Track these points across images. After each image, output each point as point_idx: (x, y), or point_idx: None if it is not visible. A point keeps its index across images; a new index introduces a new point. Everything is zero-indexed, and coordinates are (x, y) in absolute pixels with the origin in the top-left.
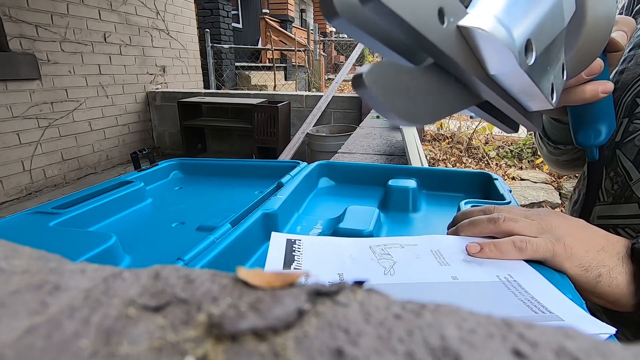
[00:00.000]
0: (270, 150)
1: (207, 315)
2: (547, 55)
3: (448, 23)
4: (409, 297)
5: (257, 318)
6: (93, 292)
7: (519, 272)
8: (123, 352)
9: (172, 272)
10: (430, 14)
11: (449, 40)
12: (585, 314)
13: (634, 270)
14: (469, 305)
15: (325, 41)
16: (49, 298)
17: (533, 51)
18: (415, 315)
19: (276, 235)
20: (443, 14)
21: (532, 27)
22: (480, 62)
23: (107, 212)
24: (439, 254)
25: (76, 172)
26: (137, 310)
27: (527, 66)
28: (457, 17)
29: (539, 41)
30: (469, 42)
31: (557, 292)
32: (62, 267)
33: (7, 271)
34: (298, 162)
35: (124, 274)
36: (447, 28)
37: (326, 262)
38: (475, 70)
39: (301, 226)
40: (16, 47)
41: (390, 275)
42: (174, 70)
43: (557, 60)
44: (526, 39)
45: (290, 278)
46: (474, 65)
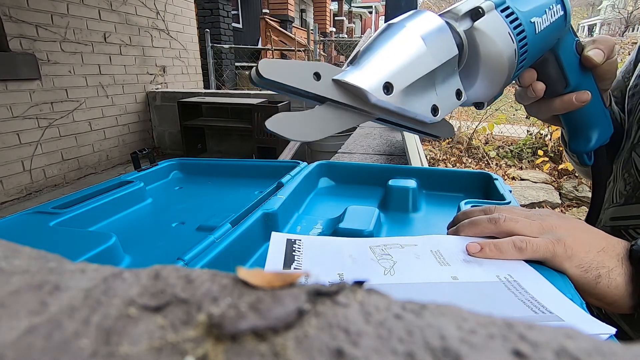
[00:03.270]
0: (270, 150)
1: (207, 315)
2: (416, 88)
3: (324, 79)
4: (409, 297)
5: (257, 318)
6: (93, 292)
7: (518, 272)
8: (123, 352)
9: (172, 272)
10: (308, 76)
11: (329, 89)
12: (585, 314)
13: (632, 272)
14: (469, 305)
15: (325, 41)
16: (49, 298)
17: (393, 88)
18: (415, 315)
19: (276, 235)
20: (319, 75)
21: (389, 74)
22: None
23: (107, 212)
24: (439, 254)
25: (76, 172)
26: (137, 310)
27: (388, 97)
28: (332, 74)
29: (399, 81)
30: (344, 87)
31: (557, 293)
32: (62, 267)
33: (7, 271)
34: (298, 162)
35: (124, 274)
36: (324, 82)
37: (326, 262)
38: (359, 102)
39: (301, 226)
40: (16, 47)
41: (390, 275)
42: (174, 70)
43: (445, 87)
44: (385, 82)
45: (290, 278)
46: (356, 99)
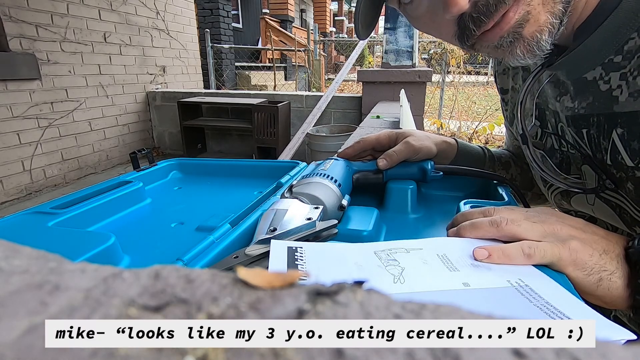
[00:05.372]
0: (270, 150)
1: (207, 315)
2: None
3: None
4: None
5: (257, 318)
6: (93, 292)
7: (528, 276)
8: (123, 352)
9: (172, 272)
10: None
11: None
12: (602, 318)
13: (629, 273)
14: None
15: (325, 41)
16: (49, 298)
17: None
18: (415, 315)
19: (276, 242)
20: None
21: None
22: None
23: (106, 212)
24: (446, 258)
25: (76, 172)
26: (137, 310)
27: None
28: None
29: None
30: None
31: (570, 296)
32: (62, 267)
33: (7, 271)
34: (297, 162)
35: (124, 274)
36: None
37: (332, 271)
38: None
39: None
40: (16, 47)
41: (400, 283)
42: (174, 70)
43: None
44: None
45: (290, 278)
46: None
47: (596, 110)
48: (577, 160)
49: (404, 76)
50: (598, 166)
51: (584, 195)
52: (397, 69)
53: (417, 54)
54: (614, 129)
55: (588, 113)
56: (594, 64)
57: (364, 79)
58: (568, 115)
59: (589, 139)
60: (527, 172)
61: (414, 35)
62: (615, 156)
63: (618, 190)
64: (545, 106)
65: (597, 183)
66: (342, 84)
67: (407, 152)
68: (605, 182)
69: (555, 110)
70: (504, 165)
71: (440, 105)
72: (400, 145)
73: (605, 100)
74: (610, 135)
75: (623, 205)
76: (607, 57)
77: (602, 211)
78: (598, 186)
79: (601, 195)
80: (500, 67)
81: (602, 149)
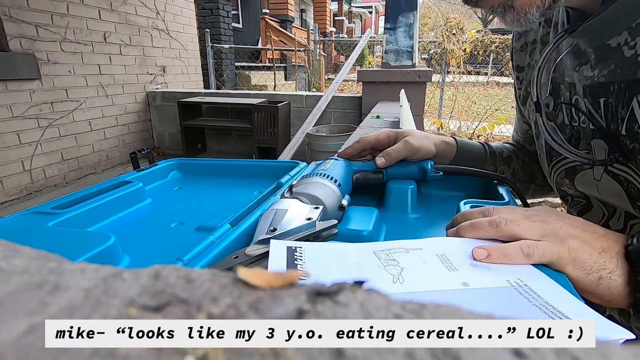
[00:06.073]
0: (270, 150)
1: (207, 315)
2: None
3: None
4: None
5: (257, 318)
6: (93, 292)
7: (527, 275)
8: (123, 352)
9: (172, 272)
10: None
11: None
12: (602, 318)
13: (629, 271)
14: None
15: (325, 41)
16: (49, 298)
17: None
18: (415, 315)
19: (275, 242)
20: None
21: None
22: None
23: (106, 212)
24: (445, 257)
25: (76, 172)
26: (137, 310)
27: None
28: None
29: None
30: None
31: (569, 296)
32: (62, 267)
33: (7, 271)
34: (297, 162)
35: (124, 274)
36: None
37: (331, 271)
38: None
39: None
40: (16, 47)
41: (400, 283)
42: (174, 70)
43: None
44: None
45: (290, 278)
46: None
47: (618, 77)
48: (587, 134)
49: (404, 76)
50: (610, 138)
51: (591, 170)
52: (397, 69)
53: (417, 54)
54: (635, 96)
55: (608, 81)
56: (620, 28)
57: (364, 79)
58: (586, 84)
59: (606, 108)
60: (529, 165)
61: (414, 35)
62: (632, 125)
63: (628, 163)
64: (562, 79)
65: (607, 156)
66: (342, 84)
67: (406, 151)
68: (615, 154)
69: (571, 82)
70: (506, 160)
71: (440, 105)
72: (399, 144)
73: (628, 67)
74: (630, 103)
75: (631, 179)
76: (635, 20)
77: (608, 186)
78: (608, 158)
79: (609, 170)
80: (519, 43)
81: (618, 118)
